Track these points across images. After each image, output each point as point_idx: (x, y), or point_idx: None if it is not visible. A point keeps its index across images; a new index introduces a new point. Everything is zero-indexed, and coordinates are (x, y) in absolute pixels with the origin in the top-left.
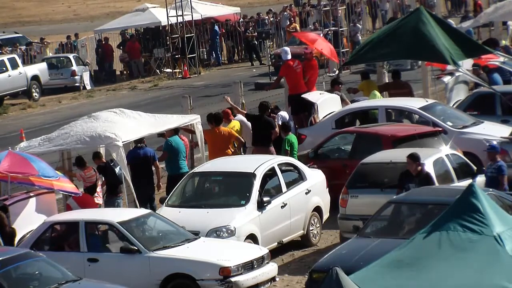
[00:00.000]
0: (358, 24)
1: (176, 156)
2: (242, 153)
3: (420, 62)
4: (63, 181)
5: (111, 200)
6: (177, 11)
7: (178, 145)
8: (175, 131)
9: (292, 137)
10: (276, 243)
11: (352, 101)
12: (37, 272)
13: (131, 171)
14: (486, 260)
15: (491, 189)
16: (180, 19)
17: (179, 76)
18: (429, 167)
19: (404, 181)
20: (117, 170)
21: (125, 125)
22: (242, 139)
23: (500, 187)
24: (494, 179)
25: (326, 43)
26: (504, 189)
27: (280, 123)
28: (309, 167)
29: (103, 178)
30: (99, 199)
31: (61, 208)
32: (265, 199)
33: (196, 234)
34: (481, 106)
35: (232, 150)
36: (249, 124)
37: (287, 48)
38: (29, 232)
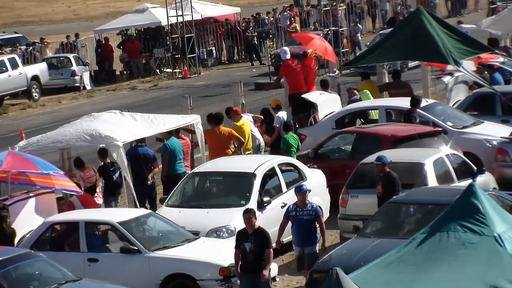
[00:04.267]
0: (359, 24)
1: (172, 158)
2: (242, 153)
3: (410, 64)
4: (65, 180)
5: (107, 200)
6: (177, 11)
7: (174, 147)
8: (171, 132)
9: (290, 136)
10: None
11: (352, 101)
12: (37, 272)
13: (131, 170)
14: (487, 261)
15: (491, 189)
16: (180, 19)
17: (179, 76)
18: (429, 167)
19: (240, 240)
20: (116, 175)
21: (125, 126)
22: (242, 139)
23: (321, 230)
24: (310, 221)
25: (323, 42)
26: (324, 229)
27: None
28: (309, 167)
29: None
30: (99, 199)
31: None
32: (265, 199)
33: (196, 234)
34: (481, 106)
35: (232, 150)
36: (250, 124)
37: (286, 48)
38: (29, 232)
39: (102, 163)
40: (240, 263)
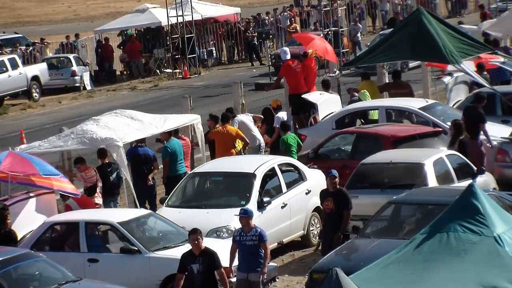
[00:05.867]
0: (359, 24)
1: (173, 159)
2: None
3: (410, 64)
4: (64, 181)
5: (106, 200)
6: (177, 11)
7: (174, 149)
8: (171, 133)
9: (289, 137)
10: (276, 243)
11: (352, 102)
12: (37, 273)
13: (131, 170)
14: (486, 261)
15: (491, 189)
16: (180, 19)
17: (179, 76)
18: (429, 167)
19: (186, 262)
20: (113, 176)
21: (126, 126)
22: (247, 140)
23: (264, 255)
24: (255, 247)
25: (323, 43)
26: (268, 256)
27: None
28: (309, 167)
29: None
30: (99, 199)
31: (61, 209)
32: (265, 199)
33: None
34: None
35: (237, 151)
36: (250, 124)
37: (286, 48)
38: (29, 232)
39: (101, 163)
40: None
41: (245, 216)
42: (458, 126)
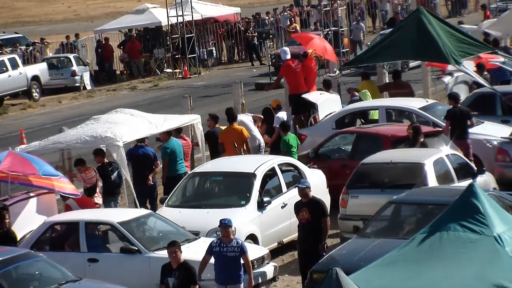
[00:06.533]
0: (361, 23)
1: (173, 159)
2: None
3: (410, 63)
4: (64, 182)
5: (107, 200)
6: (177, 11)
7: (174, 149)
8: (170, 133)
9: (290, 137)
10: (276, 243)
11: (352, 102)
12: (37, 272)
13: (132, 170)
14: (486, 261)
15: (491, 189)
16: (180, 19)
17: (179, 76)
18: (429, 167)
19: (164, 275)
20: (114, 175)
21: (126, 125)
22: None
23: (247, 268)
24: (236, 258)
25: (323, 42)
26: (248, 267)
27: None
28: (309, 167)
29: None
30: (99, 199)
31: (61, 209)
32: (265, 199)
33: (196, 234)
34: (481, 106)
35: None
36: (250, 124)
37: (286, 48)
38: (29, 232)
39: (100, 164)
40: None
41: (228, 226)
42: (417, 128)
